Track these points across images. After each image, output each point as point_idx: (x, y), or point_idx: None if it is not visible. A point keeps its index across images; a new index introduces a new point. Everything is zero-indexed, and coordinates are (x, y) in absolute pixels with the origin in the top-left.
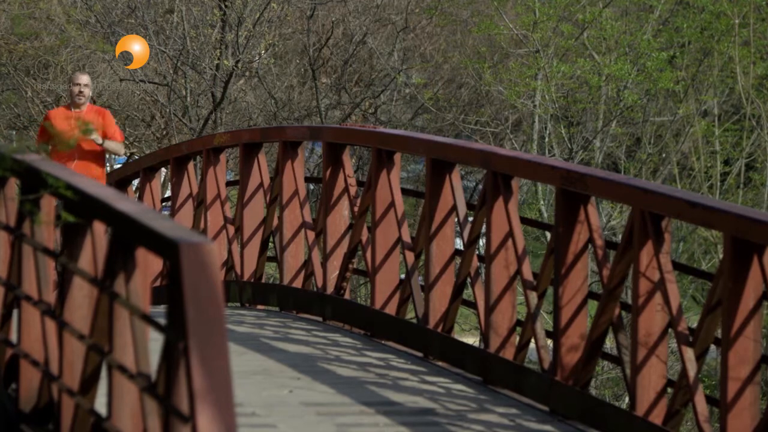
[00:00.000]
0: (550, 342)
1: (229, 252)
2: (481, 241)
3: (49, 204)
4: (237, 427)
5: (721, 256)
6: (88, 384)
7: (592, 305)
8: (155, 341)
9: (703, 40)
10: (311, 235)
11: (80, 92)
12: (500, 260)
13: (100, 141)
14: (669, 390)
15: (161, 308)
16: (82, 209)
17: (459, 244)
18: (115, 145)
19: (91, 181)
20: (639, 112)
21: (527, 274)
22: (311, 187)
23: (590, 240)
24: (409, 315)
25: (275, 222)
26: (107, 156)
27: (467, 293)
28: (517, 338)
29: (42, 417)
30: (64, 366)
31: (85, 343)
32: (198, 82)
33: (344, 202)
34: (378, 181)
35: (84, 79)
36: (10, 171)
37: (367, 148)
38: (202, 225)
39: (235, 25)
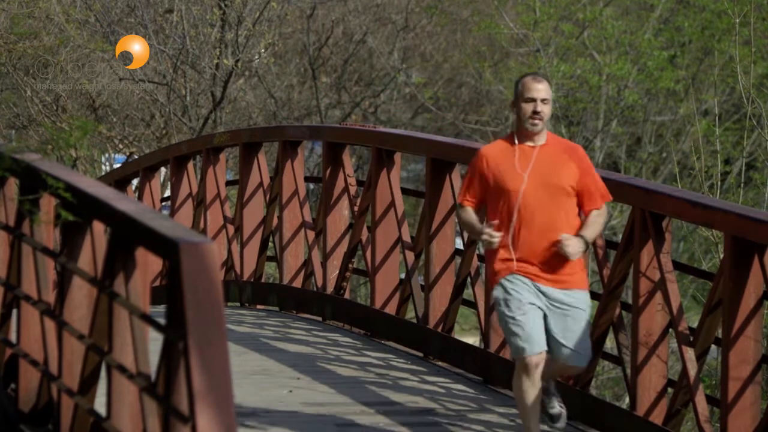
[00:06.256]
0: None
1: (229, 252)
2: None
3: (48, 204)
4: (236, 427)
5: (721, 255)
6: (88, 384)
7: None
8: (155, 341)
9: (704, 40)
10: (311, 234)
11: (535, 113)
12: None
13: (580, 249)
14: (669, 390)
15: (161, 308)
16: (81, 209)
17: (459, 243)
18: (602, 220)
19: (90, 180)
20: (639, 112)
21: None
22: (311, 186)
23: None
24: (409, 315)
25: (275, 222)
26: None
27: (467, 293)
28: None
29: (41, 417)
30: (63, 366)
31: (85, 343)
32: (198, 81)
33: (344, 202)
34: (378, 181)
35: (542, 89)
36: (9, 171)
37: (367, 148)
38: (201, 224)
39: (234, 25)
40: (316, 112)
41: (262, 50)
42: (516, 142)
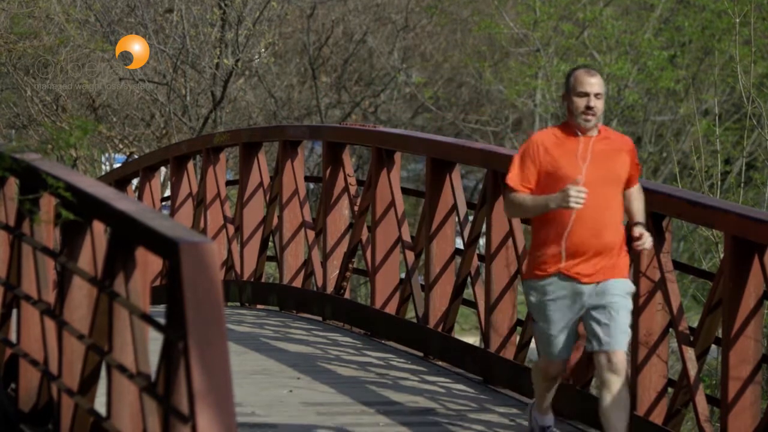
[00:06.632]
0: None
1: (229, 251)
2: (482, 241)
3: (48, 203)
4: (236, 427)
5: (721, 255)
6: (88, 384)
7: None
8: (155, 341)
9: (704, 39)
10: (311, 234)
11: (588, 108)
12: (500, 259)
13: (648, 245)
14: (669, 390)
15: (161, 308)
16: (81, 208)
17: (459, 243)
18: (643, 197)
19: (90, 180)
20: (640, 112)
21: None
22: (311, 186)
23: None
24: (409, 315)
25: (275, 221)
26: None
27: (467, 293)
28: (518, 338)
29: (41, 417)
30: (63, 366)
31: (85, 342)
32: (198, 81)
33: (344, 202)
34: (378, 181)
35: (595, 83)
36: (9, 171)
37: (367, 148)
38: (201, 224)
39: (234, 24)
40: (316, 111)
41: (262, 50)
42: (573, 133)
